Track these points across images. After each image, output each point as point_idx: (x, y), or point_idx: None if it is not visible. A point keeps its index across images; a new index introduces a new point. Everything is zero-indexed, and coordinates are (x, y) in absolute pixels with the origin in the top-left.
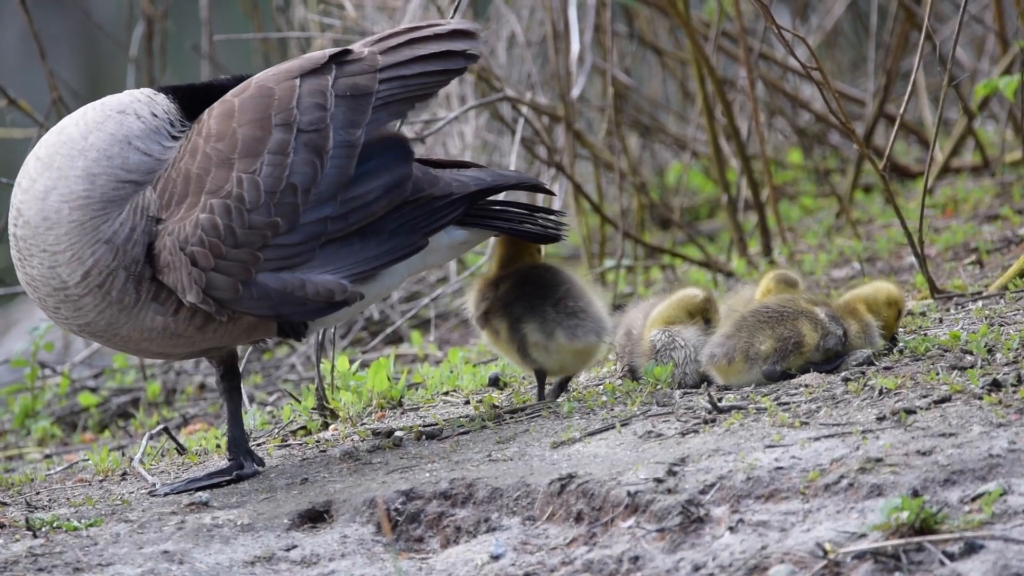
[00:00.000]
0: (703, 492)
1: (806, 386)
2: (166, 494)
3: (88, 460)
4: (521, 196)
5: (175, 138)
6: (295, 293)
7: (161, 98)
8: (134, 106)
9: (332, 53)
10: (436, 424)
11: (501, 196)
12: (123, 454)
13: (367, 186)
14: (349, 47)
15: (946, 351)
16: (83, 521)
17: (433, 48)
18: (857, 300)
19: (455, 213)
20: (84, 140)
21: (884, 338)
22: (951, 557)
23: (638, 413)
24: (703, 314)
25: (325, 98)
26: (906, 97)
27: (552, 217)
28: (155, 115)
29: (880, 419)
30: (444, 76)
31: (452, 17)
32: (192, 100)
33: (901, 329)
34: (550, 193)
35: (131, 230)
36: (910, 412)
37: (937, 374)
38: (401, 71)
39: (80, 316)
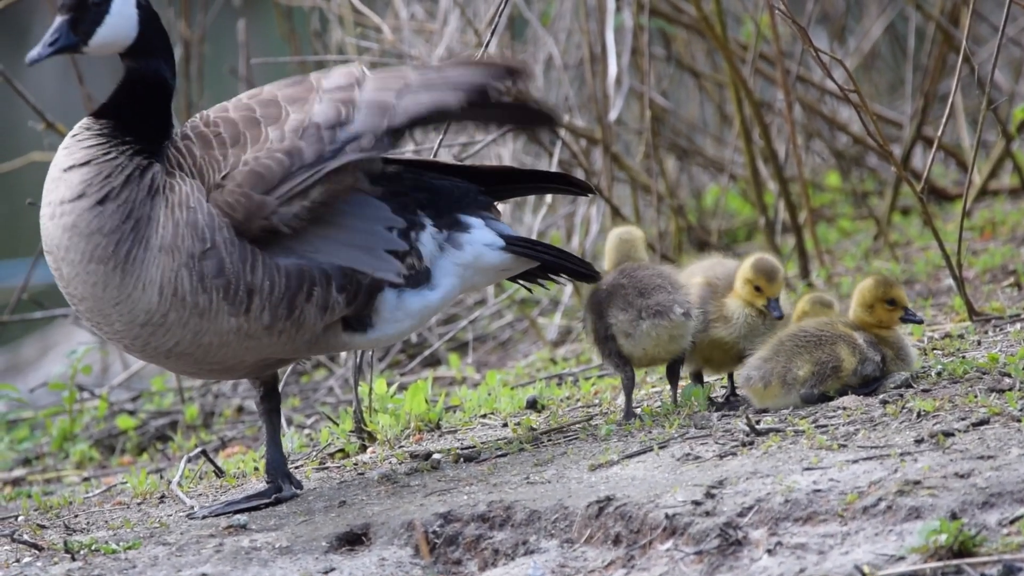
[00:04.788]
0: (741, 515)
1: (844, 409)
2: (204, 517)
3: (126, 483)
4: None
5: (103, 142)
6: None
7: (79, 126)
8: (69, 159)
9: None
10: (474, 447)
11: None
12: (161, 477)
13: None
14: None
15: (984, 373)
16: (121, 544)
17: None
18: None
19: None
20: (63, 220)
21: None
22: None
23: (676, 436)
24: None
25: (352, 78)
26: (944, 119)
27: (585, 269)
28: (85, 146)
29: (918, 442)
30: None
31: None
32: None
33: (938, 352)
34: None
35: (175, 225)
36: (948, 435)
37: (975, 396)
38: (437, 75)
39: (170, 338)
